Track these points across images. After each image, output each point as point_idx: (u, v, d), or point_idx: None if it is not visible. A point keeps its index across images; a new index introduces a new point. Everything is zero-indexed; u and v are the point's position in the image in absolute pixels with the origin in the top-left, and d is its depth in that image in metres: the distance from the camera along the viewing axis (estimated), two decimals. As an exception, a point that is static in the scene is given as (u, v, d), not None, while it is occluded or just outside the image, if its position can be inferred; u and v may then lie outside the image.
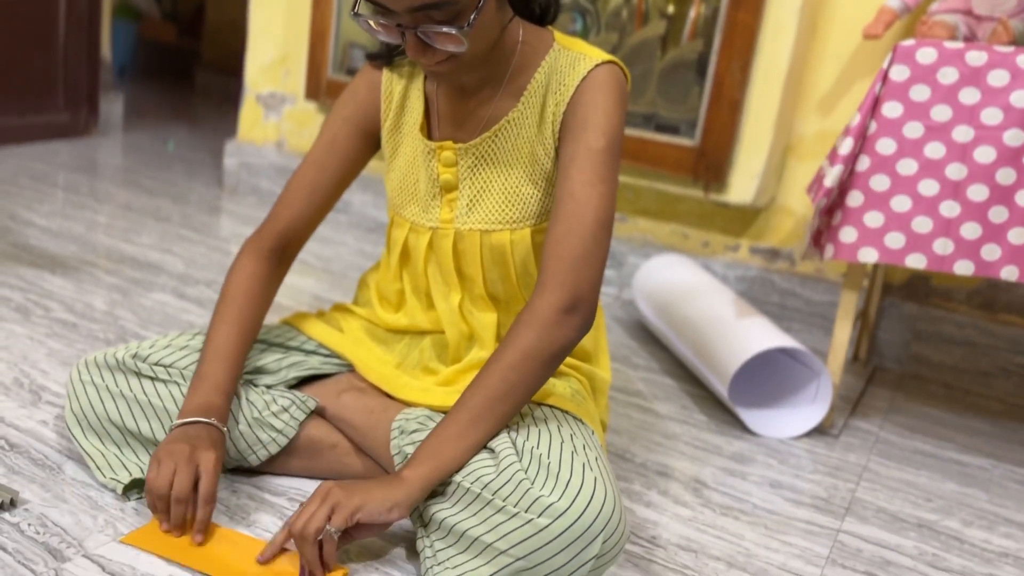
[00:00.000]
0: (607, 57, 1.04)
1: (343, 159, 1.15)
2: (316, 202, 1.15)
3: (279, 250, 1.15)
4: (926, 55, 1.38)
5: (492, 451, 0.95)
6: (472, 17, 0.91)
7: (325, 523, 0.88)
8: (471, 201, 1.10)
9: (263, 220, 1.16)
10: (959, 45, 1.37)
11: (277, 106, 2.57)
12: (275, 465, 1.12)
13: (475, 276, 1.12)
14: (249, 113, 2.62)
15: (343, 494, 0.90)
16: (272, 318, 1.67)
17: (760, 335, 1.49)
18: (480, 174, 1.09)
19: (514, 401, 0.96)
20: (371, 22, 0.94)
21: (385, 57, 1.14)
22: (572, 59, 1.04)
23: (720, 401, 1.57)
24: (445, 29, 0.91)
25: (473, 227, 1.09)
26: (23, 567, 0.88)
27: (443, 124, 1.11)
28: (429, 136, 1.12)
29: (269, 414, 1.09)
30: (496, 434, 0.96)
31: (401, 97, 1.13)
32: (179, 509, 0.94)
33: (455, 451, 0.94)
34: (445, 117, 1.11)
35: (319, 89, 2.37)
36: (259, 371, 1.13)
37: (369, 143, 1.17)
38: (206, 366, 1.04)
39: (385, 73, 1.14)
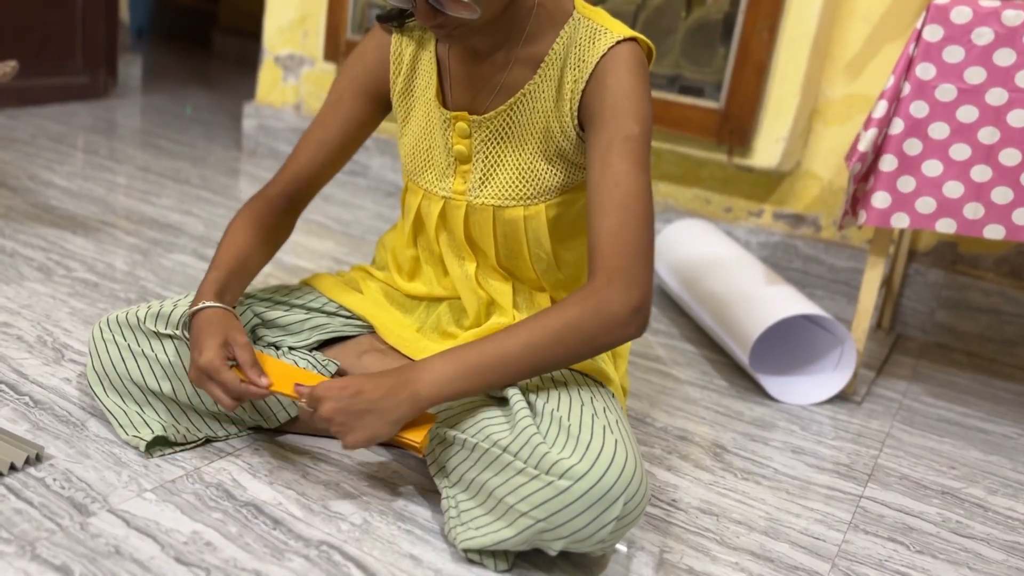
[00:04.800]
0: (629, 33, 1.00)
1: (347, 119, 1.13)
2: (319, 159, 1.14)
3: (282, 198, 1.14)
4: (961, 14, 1.34)
5: (506, 407, 0.95)
6: None
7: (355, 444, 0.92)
8: (484, 175, 1.08)
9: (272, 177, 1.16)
10: (995, 4, 1.34)
11: (295, 68, 2.55)
12: (296, 425, 1.12)
13: (487, 249, 1.11)
14: (267, 75, 2.60)
15: (344, 428, 0.92)
16: (292, 280, 1.67)
17: (783, 301, 1.47)
18: (494, 148, 1.07)
19: (546, 368, 0.95)
20: None
21: (396, 19, 1.11)
22: (592, 32, 1.00)
23: (741, 367, 1.56)
24: None
25: (486, 202, 1.08)
26: (49, 520, 0.89)
27: (456, 91, 1.08)
28: (444, 104, 1.10)
29: (292, 375, 1.09)
30: (513, 383, 0.96)
31: (411, 60, 1.11)
32: (249, 396, 0.95)
33: (473, 384, 0.93)
34: (458, 83, 1.08)
35: (338, 50, 2.35)
36: (281, 331, 1.13)
37: (375, 105, 1.15)
38: (211, 270, 1.04)
39: (395, 35, 1.12)
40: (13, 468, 0.96)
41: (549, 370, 0.95)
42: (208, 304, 0.99)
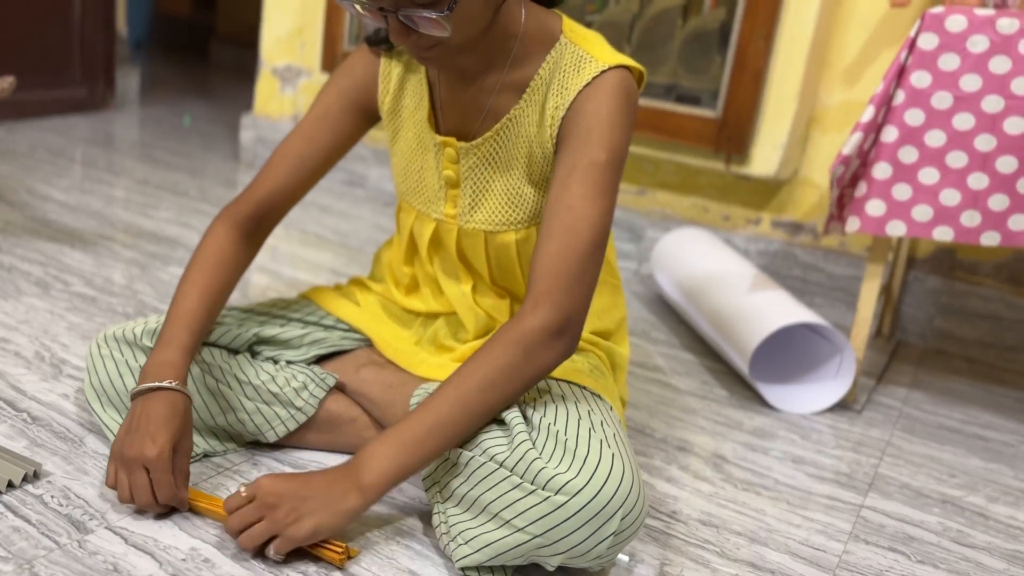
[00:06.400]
0: (616, 61, 0.98)
1: (334, 133, 1.12)
2: (301, 175, 1.11)
3: (256, 219, 1.11)
4: (956, 23, 1.34)
5: (503, 424, 0.95)
6: (453, 1, 0.87)
7: (263, 541, 0.87)
8: (474, 200, 1.07)
9: (245, 188, 1.13)
10: (990, 12, 1.34)
11: (293, 79, 2.55)
12: (294, 439, 1.12)
13: (481, 269, 1.11)
14: (265, 86, 2.60)
15: (290, 518, 0.87)
16: (291, 292, 1.67)
17: (782, 310, 1.47)
18: (482, 174, 1.06)
19: (487, 418, 0.93)
20: (356, 6, 0.91)
21: (385, 42, 1.10)
22: (578, 58, 0.99)
23: (741, 376, 1.56)
24: (426, 13, 0.87)
25: (477, 227, 1.07)
26: (47, 538, 0.88)
27: (446, 114, 1.08)
28: (435, 127, 1.09)
29: (290, 390, 1.08)
30: (459, 444, 0.93)
31: (399, 80, 1.10)
32: (152, 510, 0.94)
33: (417, 456, 0.90)
34: (447, 105, 1.07)
35: (335, 61, 2.35)
36: (280, 346, 1.13)
37: (362, 119, 1.13)
38: (167, 328, 1.01)
39: (384, 57, 1.11)
40: (11, 485, 0.96)
41: (490, 416, 0.92)
42: (169, 387, 0.95)
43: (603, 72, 0.97)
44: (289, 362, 1.12)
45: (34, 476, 0.98)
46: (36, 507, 0.93)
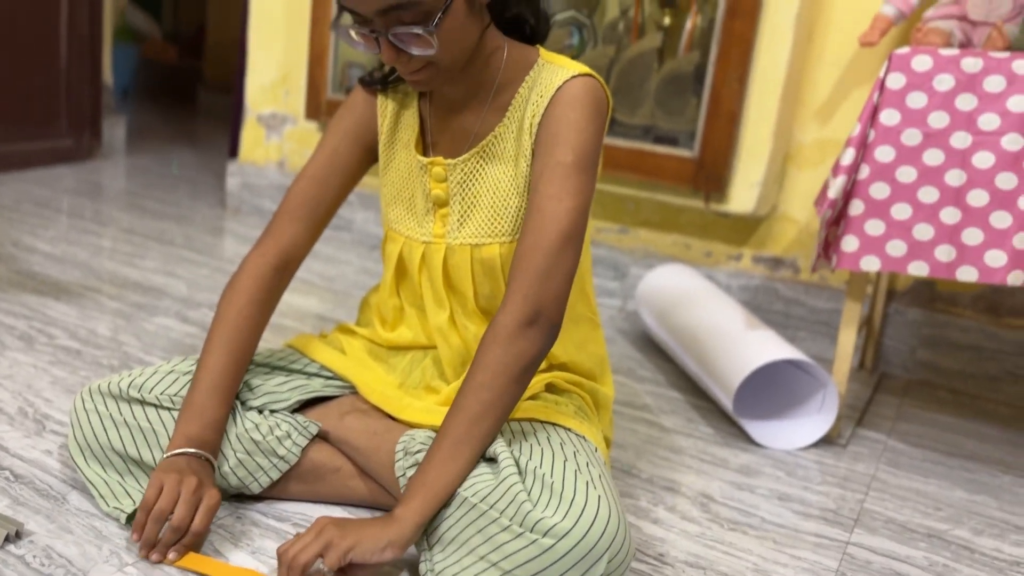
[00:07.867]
0: (584, 70, 1.05)
1: (344, 172, 1.17)
2: (318, 217, 1.16)
3: (281, 267, 1.15)
4: (921, 62, 1.38)
5: (494, 464, 0.95)
6: (438, 17, 0.94)
7: (316, 558, 0.89)
8: (462, 216, 1.11)
9: (262, 236, 1.16)
10: (954, 52, 1.37)
11: (278, 126, 2.58)
12: (278, 489, 1.11)
13: (466, 291, 1.13)
14: (250, 134, 2.63)
15: (337, 532, 0.90)
16: (276, 339, 1.67)
17: (764, 347, 1.48)
18: (470, 189, 1.10)
19: (492, 420, 0.96)
20: (352, 33, 0.98)
21: (380, 83, 1.16)
22: (552, 72, 1.05)
23: (726, 413, 1.56)
24: (414, 29, 0.93)
25: (464, 242, 1.10)
26: (28, 600, 0.88)
27: (435, 140, 1.13)
28: (423, 153, 1.14)
29: (273, 439, 1.08)
30: (480, 455, 0.96)
31: (395, 114, 1.16)
32: (172, 536, 0.95)
33: (442, 479, 0.93)
34: (437, 133, 1.13)
35: (319, 109, 2.38)
36: (262, 395, 1.13)
37: (367, 155, 1.19)
38: (200, 396, 1.04)
39: (379, 95, 1.17)
40: (-8, 546, 0.95)
41: (494, 416, 0.96)
42: (208, 457, 1.02)
43: (571, 79, 1.03)
44: (272, 411, 1.13)
45: (16, 536, 0.97)
46: (18, 568, 0.93)
